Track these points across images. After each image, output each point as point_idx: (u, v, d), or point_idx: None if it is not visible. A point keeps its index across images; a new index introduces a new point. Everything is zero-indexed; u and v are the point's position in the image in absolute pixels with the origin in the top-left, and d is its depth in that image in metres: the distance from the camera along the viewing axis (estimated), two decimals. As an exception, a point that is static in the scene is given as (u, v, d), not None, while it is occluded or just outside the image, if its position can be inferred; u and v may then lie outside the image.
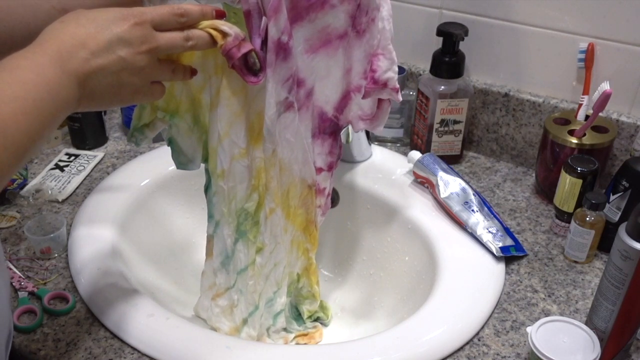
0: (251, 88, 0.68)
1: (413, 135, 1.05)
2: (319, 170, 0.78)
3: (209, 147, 0.72)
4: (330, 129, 0.77)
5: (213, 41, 0.60)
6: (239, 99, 0.69)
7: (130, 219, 0.89)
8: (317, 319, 0.87)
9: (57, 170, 0.98)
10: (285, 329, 0.83)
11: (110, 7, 0.57)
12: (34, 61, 0.50)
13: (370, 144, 1.00)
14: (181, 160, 0.75)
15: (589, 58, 0.91)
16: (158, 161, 0.99)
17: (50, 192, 0.93)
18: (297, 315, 0.85)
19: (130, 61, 0.55)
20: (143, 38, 0.55)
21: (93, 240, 0.83)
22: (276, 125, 0.70)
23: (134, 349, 0.70)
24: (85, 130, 1.03)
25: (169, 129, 0.73)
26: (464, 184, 0.90)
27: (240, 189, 0.73)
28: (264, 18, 0.63)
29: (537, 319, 0.71)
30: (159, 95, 0.62)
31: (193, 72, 0.64)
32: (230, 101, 0.68)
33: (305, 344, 0.82)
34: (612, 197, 0.82)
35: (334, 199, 0.96)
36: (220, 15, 0.61)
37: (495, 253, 0.81)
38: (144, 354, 0.70)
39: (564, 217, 0.87)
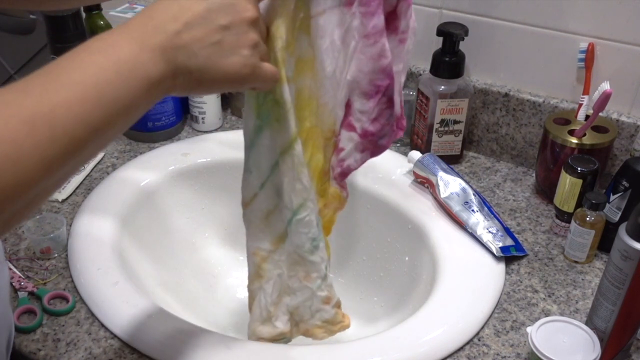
0: None
1: (413, 135, 1.05)
2: (351, 126, 0.67)
3: None
4: (386, 90, 0.65)
5: None
6: None
7: (131, 219, 0.89)
8: None
9: (57, 170, 0.98)
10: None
11: None
12: (106, 41, 0.46)
13: (370, 144, 1.00)
14: None
15: (589, 58, 0.91)
16: (158, 161, 0.99)
17: (50, 192, 0.93)
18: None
19: (233, 29, 0.49)
20: (246, 5, 0.50)
21: (93, 240, 0.83)
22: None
23: (133, 349, 0.70)
24: (85, 130, 1.03)
25: None
26: (464, 184, 0.90)
27: None
28: None
29: (537, 319, 0.71)
30: (271, 77, 0.55)
31: None
32: None
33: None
34: (612, 197, 0.82)
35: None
36: None
37: (495, 253, 0.81)
38: (144, 354, 0.70)
39: (564, 217, 0.87)
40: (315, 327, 0.73)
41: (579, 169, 0.83)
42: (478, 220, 0.85)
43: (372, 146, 0.70)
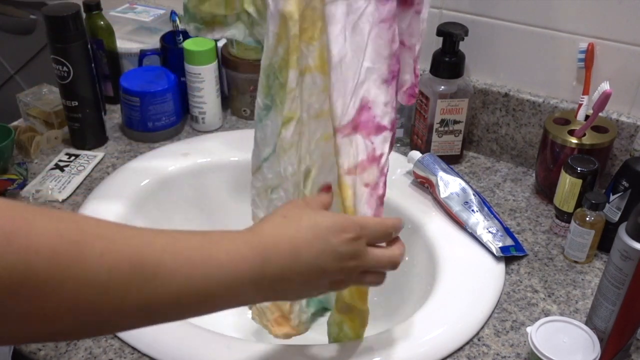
0: None
1: (413, 135, 1.05)
2: (381, 128, 0.63)
3: None
4: (397, 75, 0.65)
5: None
6: None
7: (131, 218, 0.89)
8: None
9: (57, 170, 0.98)
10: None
11: (330, 212, 0.55)
12: (231, 256, 0.48)
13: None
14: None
15: (589, 58, 0.91)
16: (158, 161, 0.99)
17: (50, 192, 0.93)
18: None
19: (329, 274, 0.53)
20: (354, 253, 0.54)
21: (93, 240, 0.83)
22: None
23: (134, 349, 0.70)
24: (85, 130, 1.03)
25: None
26: (464, 184, 0.90)
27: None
28: None
29: (537, 319, 0.71)
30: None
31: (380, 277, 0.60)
32: None
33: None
34: (612, 197, 0.82)
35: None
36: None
37: (495, 253, 0.81)
38: (144, 354, 0.70)
39: (564, 217, 0.87)
40: None
41: (578, 169, 0.83)
42: (478, 220, 0.85)
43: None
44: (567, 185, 0.84)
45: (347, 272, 0.55)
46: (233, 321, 0.93)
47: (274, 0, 0.63)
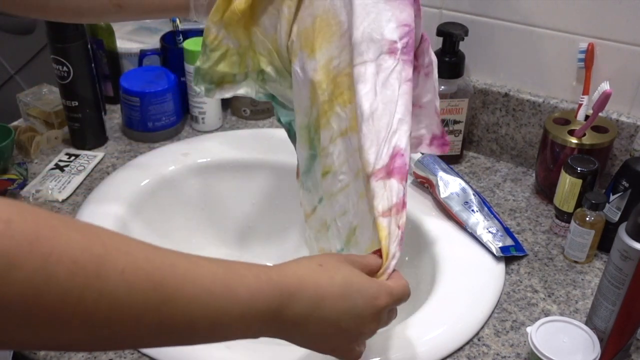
0: None
1: (413, 135, 1.05)
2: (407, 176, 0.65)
3: None
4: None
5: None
6: None
7: (131, 218, 0.89)
8: None
9: (57, 170, 0.98)
10: None
11: (364, 275, 0.55)
12: (254, 284, 0.47)
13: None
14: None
15: (589, 58, 0.91)
16: (158, 161, 0.99)
17: (50, 192, 0.93)
18: None
19: (346, 335, 0.53)
20: (375, 318, 0.54)
21: (93, 240, 0.83)
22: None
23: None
24: (85, 130, 1.03)
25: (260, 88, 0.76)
26: (464, 184, 0.90)
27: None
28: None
29: (537, 319, 0.71)
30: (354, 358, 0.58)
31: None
32: None
33: None
34: (612, 197, 0.82)
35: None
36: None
37: (495, 253, 0.81)
38: (144, 354, 0.70)
39: (564, 217, 0.87)
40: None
41: (578, 169, 0.83)
42: (478, 220, 0.85)
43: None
44: (567, 185, 0.84)
45: (365, 334, 0.56)
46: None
47: (303, 70, 0.68)
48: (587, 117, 0.91)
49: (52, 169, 0.99)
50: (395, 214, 0.62)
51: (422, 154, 0.94)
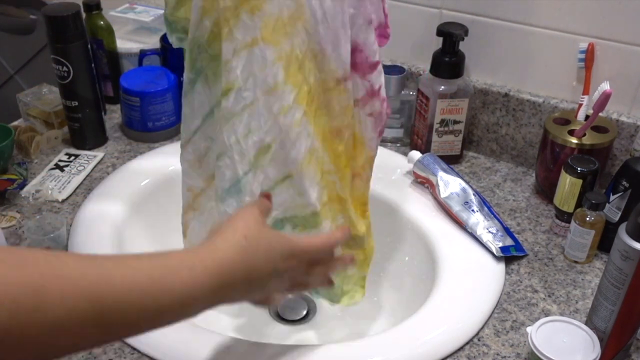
0: None
1: (413, 135, 1.05)
2: (373, 65, 0.68)
3: None
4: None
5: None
6: None
7: (130, 219, 0.89)
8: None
9: (57, 170, 0.98)
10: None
11: (281, 234, 0.60)
12: (192, 271, 0.50)
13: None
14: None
15: (589, 58, 0.91)
16: (158, 161, 0.99)
17: (50, 192, 0.93)
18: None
19: (268, 288, 0.58)
20: (294, 273, 0.60)
21: (93, 240, 0.83)
22: None
23: (133, 349, 0.70)
24: (85, 130, 1.03)
25: None
26: (464, 184, 0.90)
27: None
28: None
29: (537, 319, 0.71)
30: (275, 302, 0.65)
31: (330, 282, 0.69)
32: None
33: None
34: (612, 197, 0.82)
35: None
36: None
37: (495, 253, 0.81)
38: (144, 354, 0.70)
39: (564, 217, 0.87)
40: None
41: (579, 169, 0.83)
42: (478, 220, 0.85)
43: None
44: (567, 185, 0.84)
45: (283, 288, 0.61)
46: (233, 321, 0.93)
47: None
48: (587, 117, 0.91)
49: (52, 169, 0.99)
50: (362, 106, 0.68)
51: (422, 154, 0.94)
